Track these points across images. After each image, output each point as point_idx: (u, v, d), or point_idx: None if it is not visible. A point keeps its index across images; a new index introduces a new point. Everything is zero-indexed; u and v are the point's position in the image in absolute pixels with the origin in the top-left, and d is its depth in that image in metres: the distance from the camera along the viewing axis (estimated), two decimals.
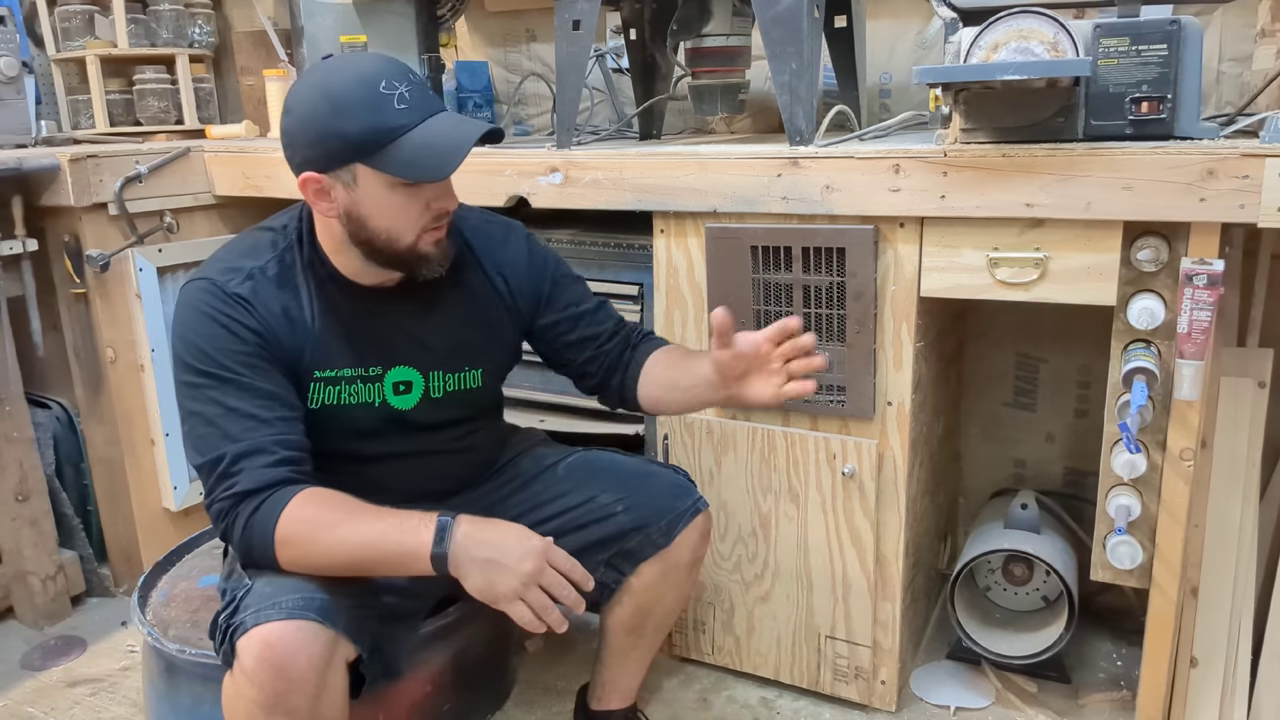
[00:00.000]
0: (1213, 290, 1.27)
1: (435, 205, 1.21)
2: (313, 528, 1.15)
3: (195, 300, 1.24)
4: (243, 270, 1.25)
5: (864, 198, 1.45)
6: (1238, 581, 1.54)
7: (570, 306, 1.44)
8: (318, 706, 1.14)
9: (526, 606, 1.13)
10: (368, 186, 1.19)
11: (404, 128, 1.16)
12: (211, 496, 1.18)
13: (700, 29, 1.74)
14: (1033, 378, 1.99)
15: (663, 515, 1.41)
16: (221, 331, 1.21)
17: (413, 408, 1.36)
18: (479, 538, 1.14)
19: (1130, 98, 1.29)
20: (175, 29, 2.50)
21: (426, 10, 1.86)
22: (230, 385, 1.20)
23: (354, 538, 1.15)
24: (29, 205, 1.94)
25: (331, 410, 1.30)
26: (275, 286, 1.26)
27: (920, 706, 1.72)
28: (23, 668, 1.93)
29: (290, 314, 1.26)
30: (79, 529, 2.15)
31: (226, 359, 1.20)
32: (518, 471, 1.51)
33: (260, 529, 1.15)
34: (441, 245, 1.25)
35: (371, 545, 1.16)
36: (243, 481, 1.16)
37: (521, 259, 1.42)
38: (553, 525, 1.43)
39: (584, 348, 1.44)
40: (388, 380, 1.33)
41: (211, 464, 1.18)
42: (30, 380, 2.05)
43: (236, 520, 1.16)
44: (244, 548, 1.17)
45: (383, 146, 1.15)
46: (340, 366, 1.30)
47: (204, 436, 1.19)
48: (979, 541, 1.76)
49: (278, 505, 1.16)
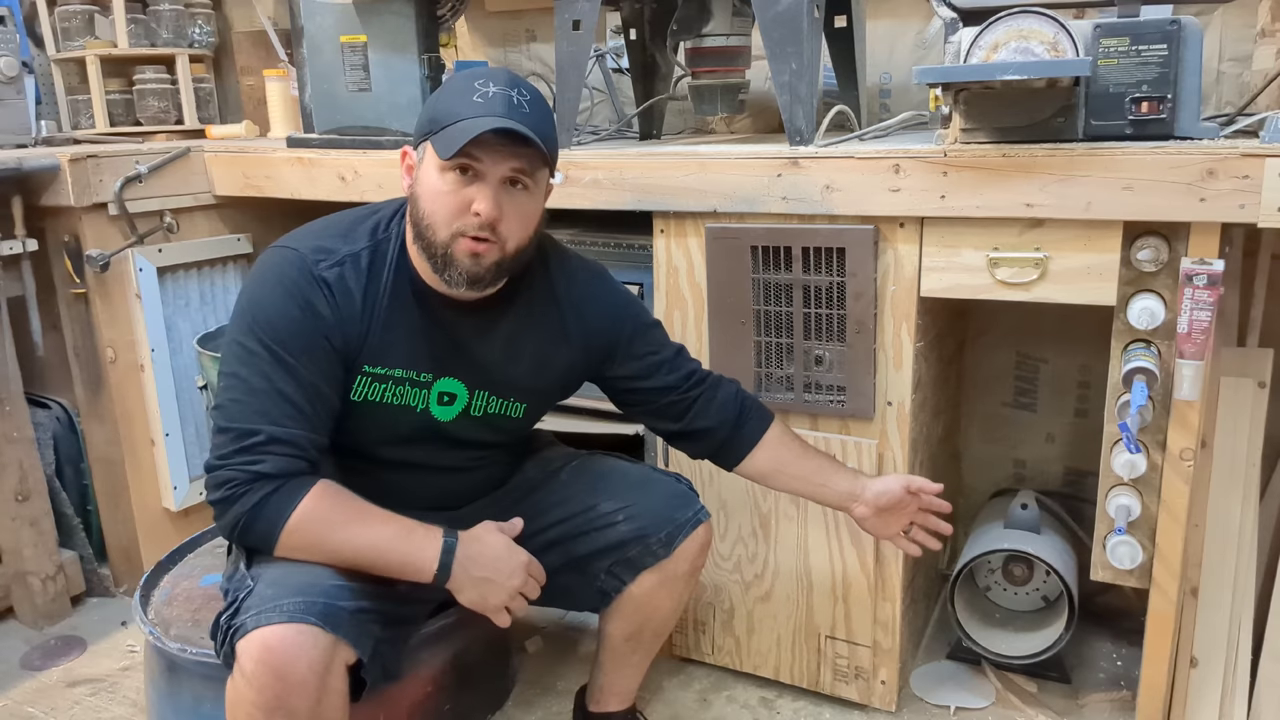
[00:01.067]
0: (1213, 290, 1.27)
1: (475, 207, 1.19)
2: (323, 525, 1.18)
3: (280, 270, 1.24)
4: (335, 254, 1.25)
5: (864, 198, 1.45)
6: (1238, 581, 1.54)
7: (649, 355, 1.43)
8: (318, 710, 1.14)
9: (508, 614, 1.27)
10: (427, 164, 1.22)
11: (464, 115, 1.17)
12: (226, 463, 1.17)
13: (700, 29, 1.74)
14: (1033, 378, 1.99)
15: (663, 526, 1.41)
16: (296, 312, 1.21)
17: (450, 420, 1.36)
18: (477, 559, 1.24)
19: (1130, 98, 1.29)
20: (175, 29, 2.50)
21: (426, 10, 1.86)
22: (285, 368, 1.20)
23: (361, 541, 1.19)
24: (29, 205, 1.94)
25: (372, 407, 1.30)
26: (362, 276, 1.26)
27: (920, 706, 1.72)
28: (23, 668, 1.93)
29: (366, 303, 1.26)
30: (79, 529, 2.15)
31: (291, 340, 1.21)
32: (524, 479, 1.50)
33: (272, 513, 1.16)
34: (479, 263, 1.22)
35: (379, 551, 1.20)
36: (268, 464, 1.17)
37: (604, 304, 1.41)
38: (555, 533, 1.44)
39: (664, 394, 1.43)
40: (434, 389, 1.33)
41: (241, 434, 1.18)
42: (30, 380, 2.05)
43: (248, 495, 1.16)
44: (245, 524, 1.17)
45: (443, 126, 1.19)
46: (393, 366, 1.29)
47: (242, 404, 1.19)
48: (979, 541, 1.76)
49: (295, 494, 1.17)
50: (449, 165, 1.19)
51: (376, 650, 1.22)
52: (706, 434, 1.44)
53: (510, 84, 1.21)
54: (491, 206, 1.19)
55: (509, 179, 1.21)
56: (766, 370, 1.61)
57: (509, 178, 1.21)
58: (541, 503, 1.46)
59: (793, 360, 1.59)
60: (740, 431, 1.44)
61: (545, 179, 1.27)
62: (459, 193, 1.20)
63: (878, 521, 1.42)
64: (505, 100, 1.19)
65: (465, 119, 1.17)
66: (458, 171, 1.19)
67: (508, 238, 1.23)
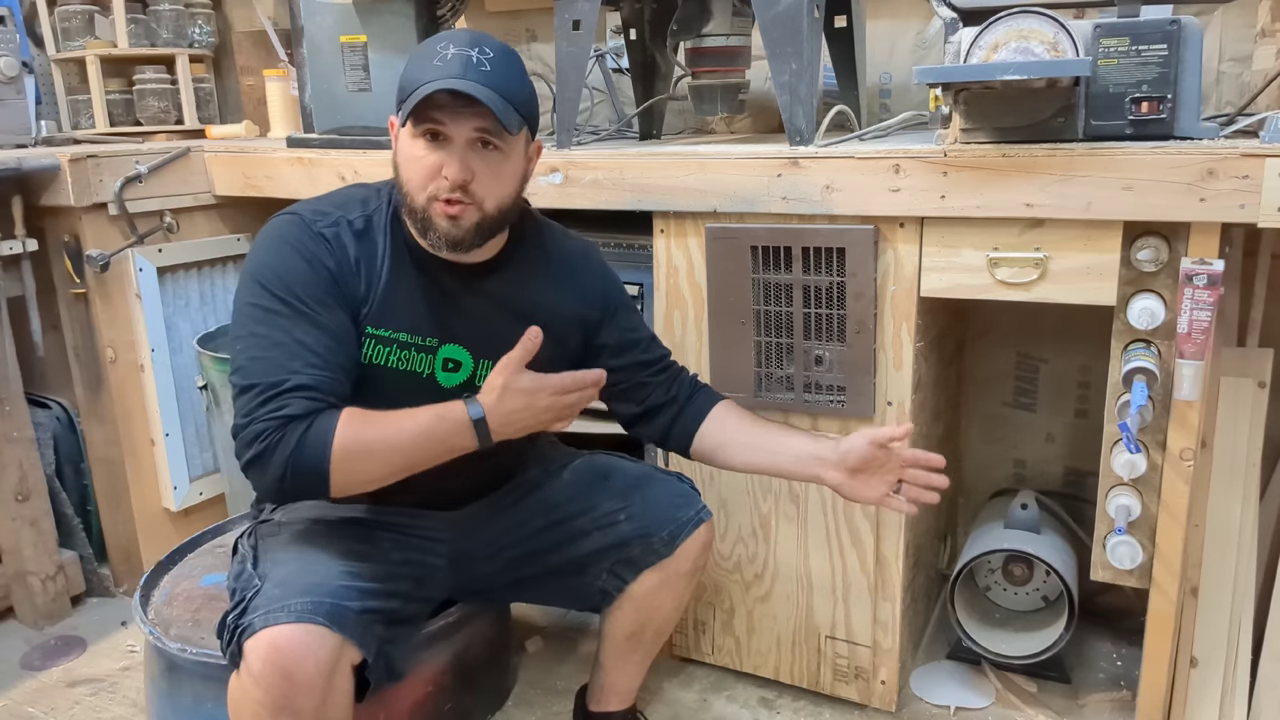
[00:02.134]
0: (1213, 290, 1.27)
1: (444, 171, 1.21)
2: (368, 436, 1.16)
3: (281, 230, 1.27)
4: (330, 216, 1.29)
5: (864, 198, 1.45)
6: (1238, 581, 1.54)
7: (628, 331, 1.46)
8: (323, 710, 1.14)
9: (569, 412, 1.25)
10: (403, 133, 1.24)
11: (424, 80, 1.18)
12: (252, 416, 1.16)
13: (700, 29, 1.74)
14: (1033, 378, 1.99)
15: (665, 525, 1.42)
16: (303, 265, 1.23)
17: (456, 387, 1.36)
18: (509, 416, 1.22)
19: (1130, 98, 1.29)
20: (175, 29, 2.50)
21: (426, 10, 1.86)
22: (303, 319, 1.21)
23: (407, 436, 1.18)
24: (29, 205, 1.94)
25: (379, 371, 1.30)
26: (356, 239, 1.28)
27: (920, 706, 1.72)
28: (23, 668, 1.93)
29: (361, 267, 1.27)
30: (79, 529, 2.15)
31: (303, 291, 1.22)
32: (525, 479, 1.50)
33: (316, 446, 1.14)
34: (457, 225, 1.23)
35: (425, 434, 1.19)
36: (294, 407, 1.15)
37: (595, 273, 1.45)
38: (556, 532, 1.44)
39: (633, 373, 1.45)
40: (440, 355, 1.34)
41: (267, 386, 1.17)
42: (30, 380, 2.05)
43: (285, 441, 1.14)
44: (293, 467, 1.14)
45: (409, 94, 1.19)
46: (397, 329, 1.30)
47: (261, 360, 1.19)
48: (979, 541, 1.76)
49: (329, 425, 1.15)
50: (417, 131, 1.21)
51: (381, 650, 1.22)
52: (661, 410, 1.45)
53: (471, 44, 1.20)
54: (459, 169, 1.20)
55: (477, 140, 1.21)
56: (766, 370, 1.61)
57: (476, 138, 1.21)
58: (543, 502, 1.47)
59: (793, 360, 1.59)
60: (690, 404, 1.45)
61: (520, 138, 1.26)
62: (429, 156, 1.21)
63: (857, 484, 1.32)
64: (463, 60, 1.19)
65: (426, 82, 1.18)
66: (426, 137, 1.21)
67: (484, 197, 1.23)
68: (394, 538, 1.35)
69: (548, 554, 1.45)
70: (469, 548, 1.45)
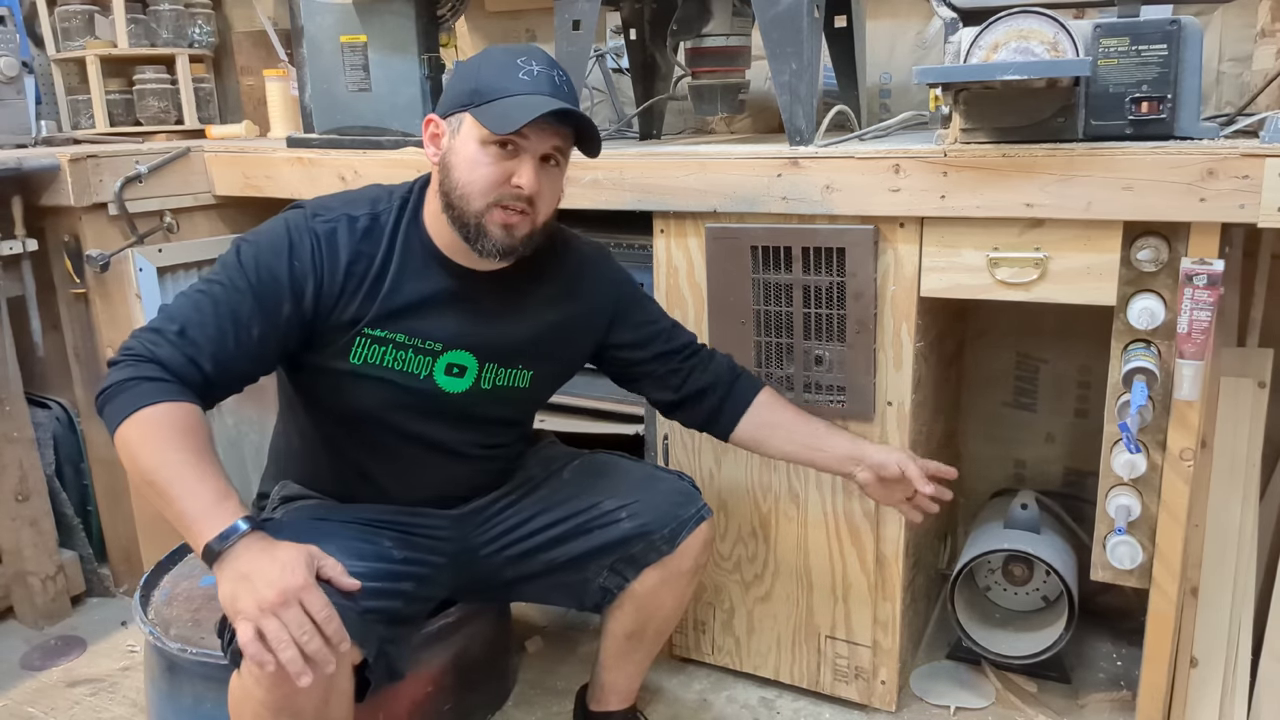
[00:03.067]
0: (1213, 290, 1.27)
1: (514, 180, 1.23)
2: (158, 435, 1.12)
3: (285, 217, 1.29)
4: (334, 214, 1.29)
5: (864, 198, 1.45)
6: (1238, 581, 1.54)
7: (647, 324, 1.47)
8: (325, 710, 1.15)
9: (254, 631, 1.03)
10: (465, 136, 1.24)
11: (512, 91, 1.21)
12: (138, 337, 1.19)
13: (700, 29, 1.74)
14: (1033, 378, 1.99)
15: (666, 523, 1.42)
16: (283, 245, 1.25)
17: (461, 393, 1.36)
18: (250, 555, 1.07)
19: (1130, 98, 1.29)
20: (175, 29, 2.50)
21: (426, 10, 1.86)
22: (244, 287, 1.21)
23: (165, 475, 1.10)
24: (29, 205, 1.94)
25: (372, 370, 1.30)
26: (356, 237, 1.28)
27: (920, 706, 1.72)
28: (23, 668, 1.93)
29: (355, 268, 1.27)
30: (79, 529, 2.15)
31: (264, 272, 1.23)
32: (526, 477, 1.51)
33: (133, 396, 1.14)
34: (512, 234, 1.25)
35: (174, 495, 1.10)
36: (165, 351, 1.16)
37: (604, 272, 1.47)
38: (557, 530, 1.44)
39: (662, 363, 1.46)
40: (442, 360, 1.33)
41: (165, 321, 1.19)
42: (30, 380, 2.05)
43: (132, 366, 1.15)
44: (109, 394, 1.16)
45: (489, 101, 1.21)
46: (396, 331, 1.30)
47: (185, 301, 1.21)
48: (979, 541, 1.76)
49: (163, 394, 1.14)
50: (493, 139, 1.22)
51: (382, 650, 1.22)
52: (702, 396, 1.46)
53: (550, 65, 1.25)
54: (534, 180, 1.23)
55: (547, 157, 1.26)
56: (766, 370, 1.61)
57: (548, 156, 1.25)
58: (544, 501, 1.47)
59: (793, 360, 1.59)
60: (734, 391, 1.46)
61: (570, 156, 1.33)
62: (499, 165, 1.23)
63: (881, 489, 1.42)
64: (550, 80, 1.23)
65: (515, 95, 1.20)
66: (499, 145, 1.22)
67: (540, 210, 1.27)
68: (397, 537, 1.35)
69: (549, 552, 1.45)
70: (471, 546, 1.45)
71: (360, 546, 1.29)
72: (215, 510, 1.09)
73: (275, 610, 1.03)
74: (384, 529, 1.36)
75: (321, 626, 1.06)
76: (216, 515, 1.08)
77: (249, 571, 1.06)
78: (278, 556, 1.07)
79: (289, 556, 1.08)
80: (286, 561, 1.07)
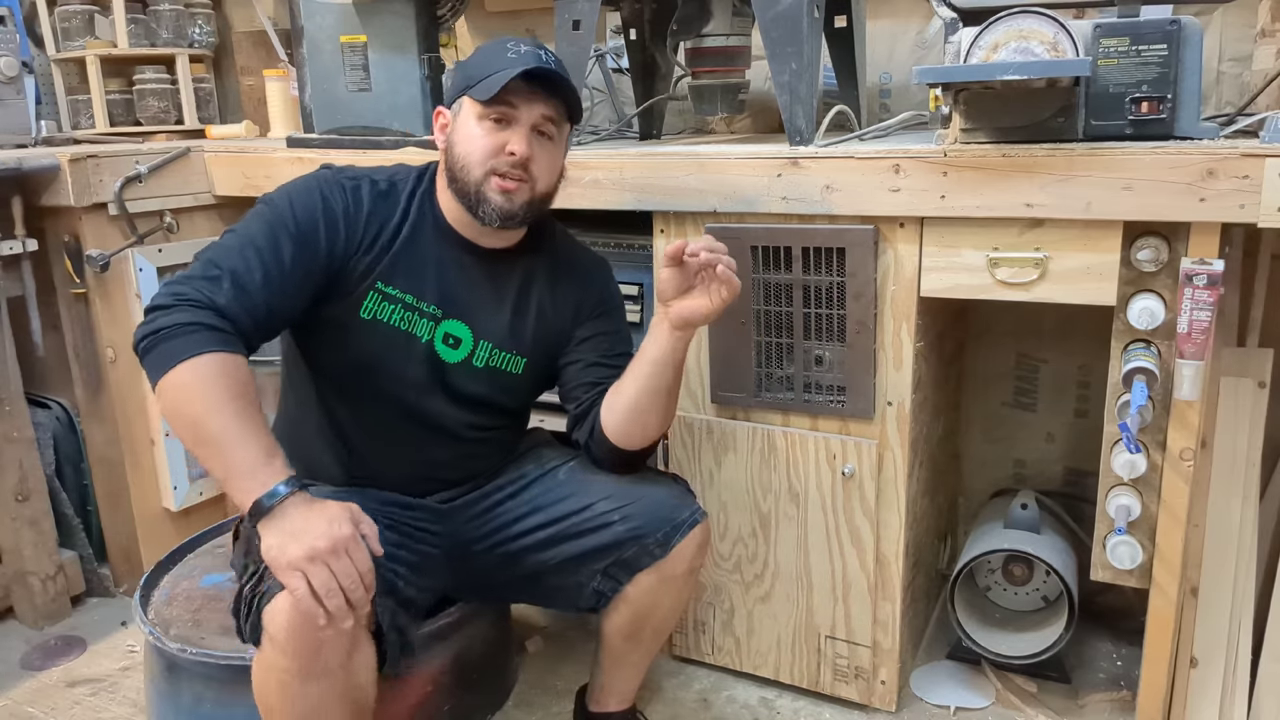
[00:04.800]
0: (1213, 290, 1.27)
1: (508, 147, 1.29)
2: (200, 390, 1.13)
3: (314, 173, 1.37)
4: (356, 172, 1.39)
5: (864, 198, 1.45)
6: (1238, 581, 1.54)
7: (603, 335, 1.47)
8: (350, 664, 1.16)
9: (305, 580, 1.08)
10: (464, 115, 1.34)
11: (499, 67, 1.28)
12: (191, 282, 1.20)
13: (700, 29, 1.74)
14: (1033, 378, 1.99)
15: (660, 526, 1.41)
16: (315, 193, 1.32)
17: (454, 364, 1.40)
18: (298, 513, 1.11)
19: (1130, 98, 1.29)
20: (175, 29, 2.50)
21: (426, 10, 1.86)
22: (283, 231, 1.27)
23: (218, 425, 1.12)
24: (29, 205, 1.94)
25: (380, 327, 1.35)
26: (375, 198, 1.36)
27: (920, 706, 1.72)
28: (23, 668, 1.93)
29: (371, 224, 1.35)
30: (79, 529, 2.15)
31: (301, 212, 1.29)
32: (521, 473, 1.51)
33: (189, 341, 1.15)
34: (511, 200, 1.32)
35: (225, 447, 1.13)
36: (224, 300, 1.19)
37: (597, 285, 1.50)
38: (550, 531, 1.44)
39: (587, 371, 1.45)
40: (441, 328, 1.39)
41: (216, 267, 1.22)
42: (30, 380, 2.05)
43: (190, 311, 1.17)
44: (165, 334, 1.16)
45: (480, 79, 1.30)
46: (404, 290, 1.36)
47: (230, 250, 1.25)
48: (979, 541, 1.76)
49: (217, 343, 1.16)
50: (486, 113, 1.30)
51: (395, 620, 1.24)
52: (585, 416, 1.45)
53: (537, 45, 1.33)
54: (525, 146, 1.30)
55: (538, 127, 1.32)
56: (766, 370, 1.61)
57: (538, 125, 1.32)
58: (537, 500, 1.47)
59: (793, 360, 1.59)
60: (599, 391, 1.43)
61: (565, 133, 1.39)
62: (494, 136, 1.31)
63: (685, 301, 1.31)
64: (535, 56, 1.30)
65: (500, 70, 1.28)
66: (493, 120, 1.31)
67: (538, 178, 1.34)
68: (386, 523, 1.35)
69: (541, 554, 1.44)
70: (463, 541, 1.46)
71: None
72: (264, 467, 1.12)
73: (325, 559, 1.08)
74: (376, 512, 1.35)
75: (363, 577, 1.11)
76: (265, 472, 1.12)
77: (298, 529, 1.10)
78: (326, 511, 1.12)
79: (335, 511, 1.13)
80: (334, 516, 1.12)
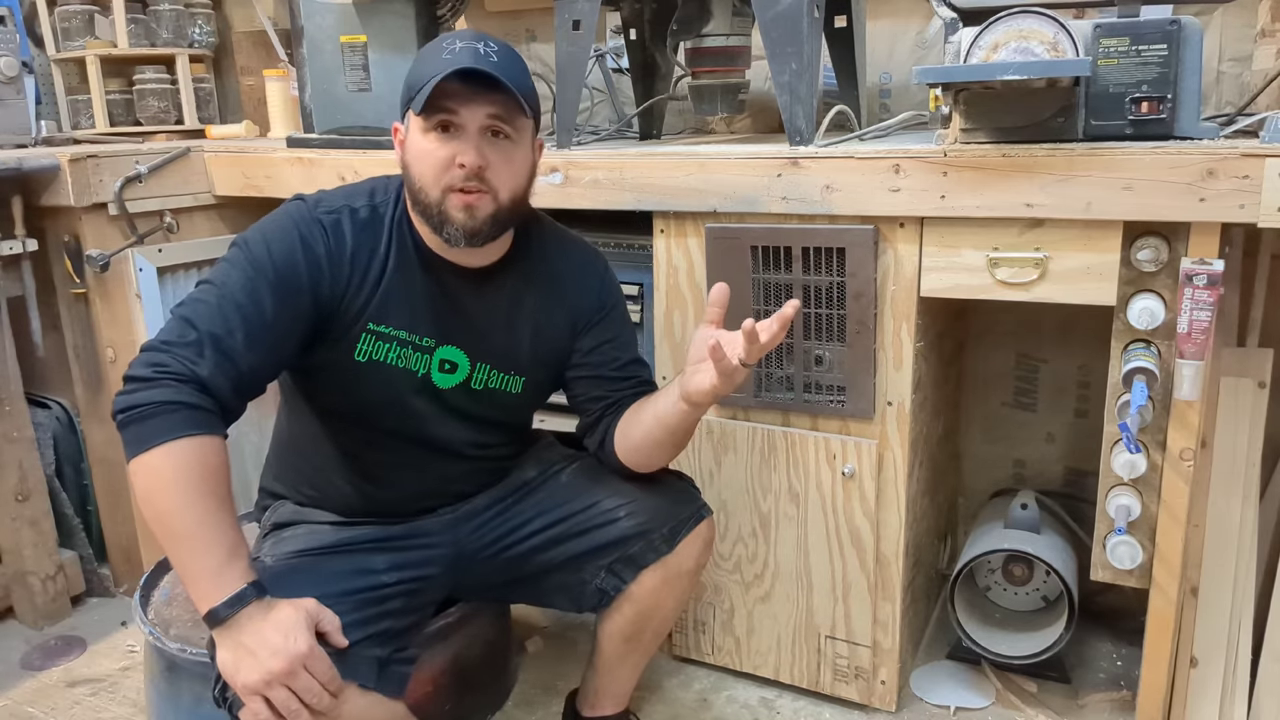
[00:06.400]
0: (1213, 290, 1.27)
1: (459, 159, 1.21)
2: (170, 480, 1.09)
3: (287, 209, 1.28)
4: (334, 204, 1.29)
5: (864, 198, 1.45)
6: (1238, 581, 1.54)
7: (607, 344, 1.43)
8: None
9: (265, 703, 1.06)
10: (411, 130, 1.25)
11: (435, 73, 1.18)
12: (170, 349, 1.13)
13: (700, 29, 1.74)
14: (1033, 378, 1.99)
15: (665, 522, 1.41)
16: (294, 238, 1.23)
17: (451, 389, 1.36)
18: (253, 626, 1.08)
19: (1130, 98, 1.29)
20: (175, 29, 2.50)
21: (426, 10, 1.86)
22: (262, 281, 1.19)
23: (183, 523, 1.09)
24: (29, 205, 1.94)
25: (376, 367, 1.30)
26: (358, 229, 1.28)
27: (920, 706, 1.72)
28: (23, 668, 1.93)
29: (358, 259, 1.27)
30: (79, 529, 2.15)
31: (280, 258, 1.21)
32: (522, 480, 1.50)
33: (168, 424, 1.09)
34: (473, 215, 1.23)
35: (187, 547, 1.09)
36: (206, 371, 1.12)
37: (592, 289, 1.43)
38: (555, 530, 1.43)
39: (596, 385, 1.42)
40: (437, 355, 1.34)
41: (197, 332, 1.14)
42: (30, 380, 2.05)
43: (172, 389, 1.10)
44: (142, 413, 1.09)
45: (418, 90, 1.19)
46: (396, 326, 1.30)
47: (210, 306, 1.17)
48: (979, 541, 1.76)
49: (198, 425, 1.10)
50: (430, 125, 1.21)
51: (384, 671, 1.22)
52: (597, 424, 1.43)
53: (476, 38, 1.22)
54: (474, 155, 1.21)
55: (488, 129, 1.22)
56: (766, 370, 1.61)
57: (488, 127, 1.22)
58: (542, 503, 1.46)
59: (793, 360, 1.59)
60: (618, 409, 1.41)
61: (529, 130, 1.28)
62: (441, 149, 1.21)
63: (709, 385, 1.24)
64: (471, 52, 1.20)
65: (434, 75, 1.18)
66: (439, 130, 1.21)
67: (499, 187, 1.24)
68: (390, 558, 1.34)
69: (545, 553, 1.44)
70: (466, 551, 1.45)
71: (347, 581, 1.26)
72: (224, 571, 1.08)
73: (284, 680, 1.06)
74: (377, 551, 1.35)
75: (326, 687, 1.09)
76: (225, 575, 1.08)
77: (253, 645, 1.07)
78: (281, 623, 1.08)
79: (290, 621, 1.09)
80: (289, 627, 1.08)
